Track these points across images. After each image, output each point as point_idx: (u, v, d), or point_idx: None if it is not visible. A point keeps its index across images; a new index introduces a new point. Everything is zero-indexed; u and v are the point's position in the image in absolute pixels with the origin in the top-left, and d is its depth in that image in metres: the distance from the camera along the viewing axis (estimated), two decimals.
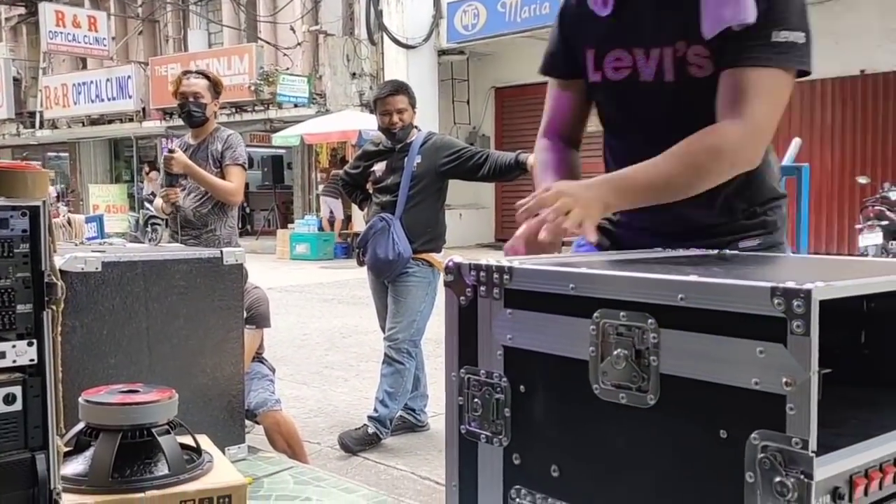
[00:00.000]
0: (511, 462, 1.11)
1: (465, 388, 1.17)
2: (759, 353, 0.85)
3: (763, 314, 0.85)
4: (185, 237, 3.79)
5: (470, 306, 1.16)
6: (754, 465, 0.86)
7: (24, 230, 1.38)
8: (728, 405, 0.88)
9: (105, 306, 2.17)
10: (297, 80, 15.11)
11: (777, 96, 1.41)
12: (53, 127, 20.02)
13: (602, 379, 1.00)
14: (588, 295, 1.01)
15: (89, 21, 18.40)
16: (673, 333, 0.93)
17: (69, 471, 1.67)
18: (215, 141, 3.84)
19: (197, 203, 3.78)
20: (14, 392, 1.37)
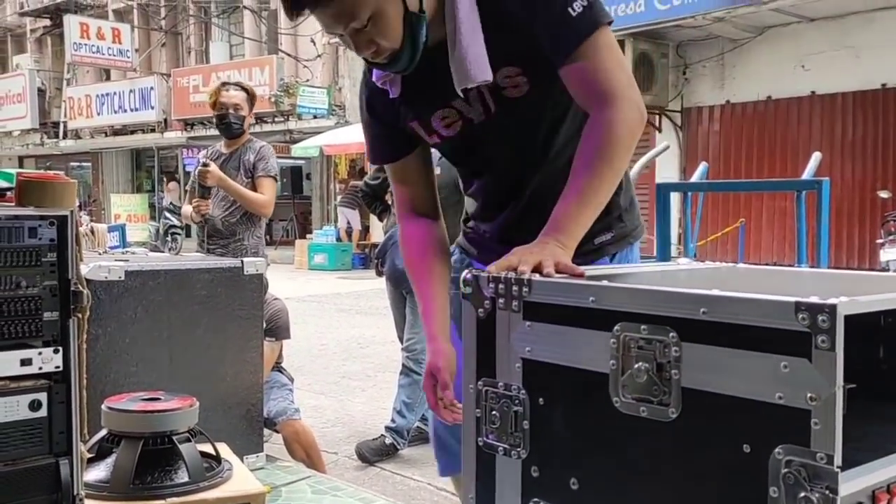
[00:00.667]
0: (529, 475, 1.11)
1: (483, 401, 1.17)
2: (783, 368, 0.85)
3: (787, 329, 0.85)
4: (212, 246, 3.82)
5: (488, 318, 1.16)
6: (778, 479, 0.85)
7: (51, 239, 1.40)
8: (751, 420, 0.88)
9: (127, 315, 2.20)
10: (316, 91, 15.22)
11: (613, 54, 1.42)
12: (77, 137, 20.26)
13: (623, 392, 1.00)
14: (609, 308, 1.01)
15: (113, 33, 18.64)
16: (695, 347, 0.93)
17: (91, 477, 1.69)
18: (248, 152, 3.88)
19: (226, 213, 3.82)
20: (40, 398, 1.40)
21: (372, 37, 1.36)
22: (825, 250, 3.12)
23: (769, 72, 11.12)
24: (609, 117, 1.40)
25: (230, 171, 3.81)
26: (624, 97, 1.40)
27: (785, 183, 5.47)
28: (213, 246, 3.82)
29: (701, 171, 3.87)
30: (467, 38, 1.39)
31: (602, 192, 1.41)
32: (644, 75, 11.22)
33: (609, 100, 1.40)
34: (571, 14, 1.37)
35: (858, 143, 10.63)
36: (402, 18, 1.35)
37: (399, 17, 1.35)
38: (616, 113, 1.40)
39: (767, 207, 10.80)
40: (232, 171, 3.81)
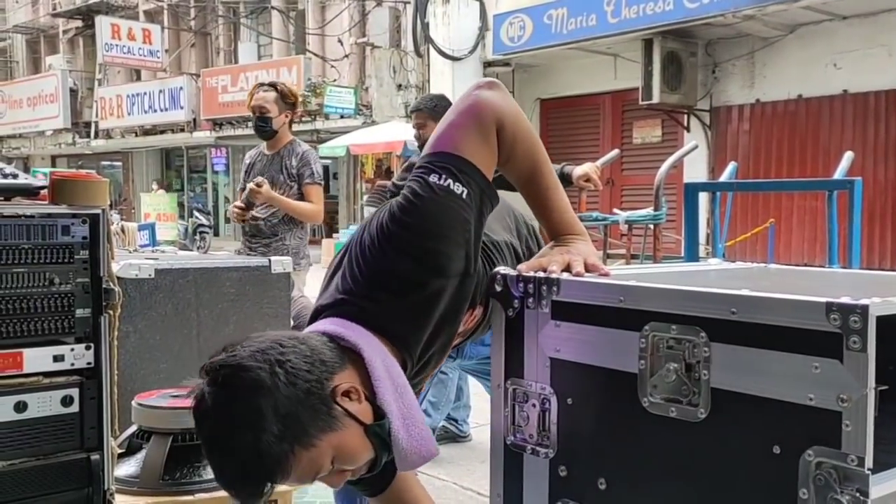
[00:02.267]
0: (557, 474, 1.11)
1: (512, 400, 1.17)
2: (814, 369, 0.84)
3: (818, 329, 0.84)
4: (255, 245, 3.88)
5: (517, 318, 1.15)
6: (808, 481, 0.85)
7: (84, 237, 1.42)
8: (782, 421, 0.87)
9: (158, 312, 2.23)
10: (343, 91, 15.27)
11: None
12: (108, 137, 20.52)
13: (652, 392, 0.99)
14: (638, 308, 1.01)
15: (144, 34, 18.86)
16: (724, 347, 0.92)
17: (122, 472, 1.72)
18: (290, 155, 3.89)
19: (268, 214, 3.86)
20: (71, 394, 1.42)
21: (343, 469, 1.21)
22: (857, 251, 3.07)
23: (800, 70, 10.97)
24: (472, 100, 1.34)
25: (273, 174, 3.85)
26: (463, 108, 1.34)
27: (817, 183, 5.40)
28: (255, 245, 3.87)
29: (730, 171, 3.83)
30: (402, 434, 1.21)
31: (555, 183, 1.39)
32: (672, 74, 11.12)
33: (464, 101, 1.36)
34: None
35: (892, 142, 10.45)
36: (364, 435, 1.19)
37: (360, 436, 1.18)
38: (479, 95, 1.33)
39: (798, 208, 10.66)
40: (275, 174, 3.85)
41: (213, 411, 1.14)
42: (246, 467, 1.12)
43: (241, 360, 1.15)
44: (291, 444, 1.12)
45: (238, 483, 1.15)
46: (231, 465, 1.14)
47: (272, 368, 1.13)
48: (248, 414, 1.10)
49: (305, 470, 1.15)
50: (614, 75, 12.63)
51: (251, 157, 4.05)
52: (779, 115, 11.35)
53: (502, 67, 13.37)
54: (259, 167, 3.92)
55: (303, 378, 1.14)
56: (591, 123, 13.38)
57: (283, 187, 3.84)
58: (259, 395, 1.11)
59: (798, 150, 11.12)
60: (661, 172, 3.55)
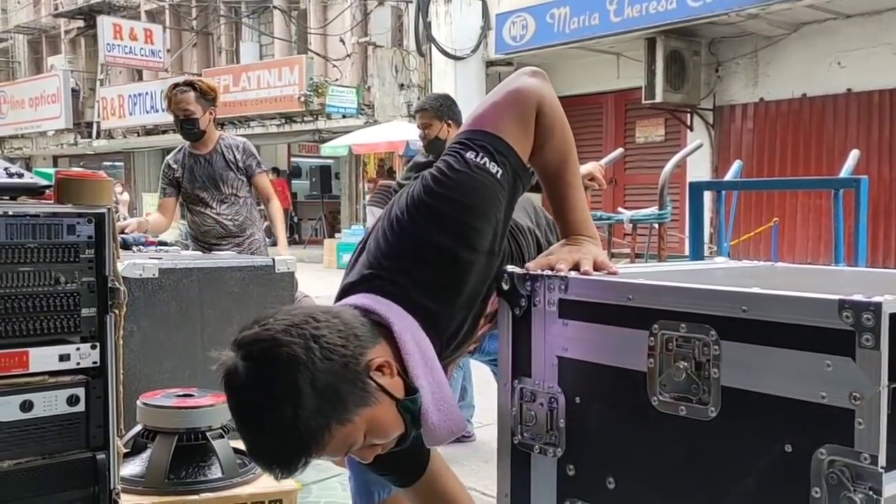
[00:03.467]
0: (565, 473, 1.11)
1: (519, 399, 1.16)
2: (826, 367, 0.84)
3: (830, 327, 0.83)
4: (225, 246, 3.82)
5: (524, 317, 1.15)
6: (821, 479, 0.85)
7: (89, 236, 1.42)
8: (794, 419, 0.87)
9: (162, 311, 2.23)
10: (345, 91, 15.27)
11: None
12: (110, 137, 20.53)
13: (661, 391, 0.99)
14: (646, 306, 1.00)
15: (146, 34, 18.86)
16: (735, 346, 0.92)
17: (127, 471, 1.72)
18: (230, 150, 3.87)
19: (233, 213, 3.85)
20: (77, 393, 1.42)
21: (374, 443, 1.21)
22: (863, 250, 3.06)
23: (804, 69, 10.95)
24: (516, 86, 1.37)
25: (219, 172, 3.81)
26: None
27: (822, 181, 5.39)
28: (225, 245, 3.81)
29: (735, 170, 3.83)
30: (431, 409, 1.21)
31: (579, 182, 1.39)
32: (675, 73, 11.11)
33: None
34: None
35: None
36: (396, 410, 1.19)
37: (393, 410, 1.19)
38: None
39: (802, 206, 10.64)
40: (222, 172, 3.82)
41: (249, 386, 1.12)
42: (282, 442, 1.12)
43: (276, 334, 1.13)
44: (328, 418, 1.11)
45: (273, 458, 1.14)
46: (266, 440, 1.13)
47: (307, 343, 1.11)
48: (285, 389, 1.09)
49: (340, 444, 1.15)
50: (617, 74, 12.62)
51: (178, 161, 3.96)
52: (782, 114, 11.33)
53: (505, 67, 13.36)
54: (199, 169, 3.86)
55: (338, 353, 1.13)
56: (594, 123, 13.36)
57: (234, 183, 3.83)
58: (295, 370, 1.09)
59: (802, 149, 11.10)
60: (666, 172, 3.54)
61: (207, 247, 3.84)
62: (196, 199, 3.86)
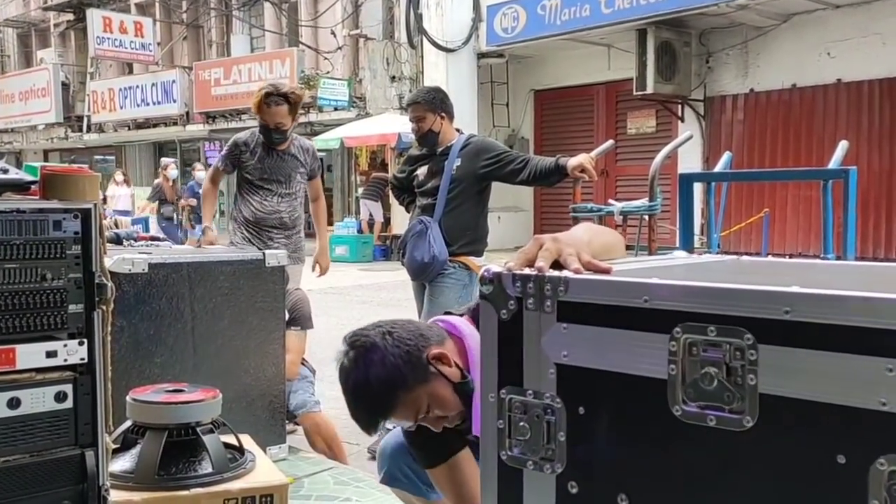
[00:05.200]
0: (566, 491, 1.01)
1: (507, 411, 1.06)
2: (887, 372, 0.78)
3: (891, 328, 0.78)
4: (277, 236, 4.01)
5: (513, 320, 1.05)
6: (881, 492, 0.79)
7: (76, 232, 1.41)
8: (847, 428, 0.81)
9: (152, 307, 2.22)
10: (337, 83, 15.22)
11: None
12: (100, 131, 20.43)
13: (685, 399, 0.91)
14: (666, 308, 0.92)
15: (135, 27, 18.75)
16: (775, 350, 0.85)
17: (117, 468, 1.71)
18: (300, 152, 4.08)
19: (290, 208, 4.05)
20: (65, 390, 1.41)
21: (438, 415, 1.63)
22: (852, 241, 3.07)
23: (794, 60, 10.98)
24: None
25: (288, 171, 4.00)
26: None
27: (811, 172, 5.40)
28: (279, 236, 3.99)
29: (725, 161, 3.83)
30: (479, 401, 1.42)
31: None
32: (666, 64, 11.11)
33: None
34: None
35: (886, 131, 10.47)
36: (451, 389, 1.61)
37: (450, 389, 1.61)
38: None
39: (792, 197, 10.67)
40: (291, 172, 4.01)
41: (346, 365, 1.61)
42: (361, 404, 1.62)
43: (364, 329, 1.66)
44: (394, 387, 1.57)
45: (358, 416, 1.63)
46: (352, 402, 1.62)
47: (384, 335, 1.61)
48: (365, 364, 1.58)
49: (408, 409, 1.60)
50: (608, 66, 12.62)
51: (249, 145, 4.05)
52: (773, 105, 11.36)
53: (496, 59, 13.35)
54: (270, 162, 4.00)
55: (404, 342, 1.60)
56: (585, 114, 13.37)
57: (299, 182, 4.05)
58: (372, 351, 1.59)
59: (792, 140, 11.13)
60: (656, 163, 3.55)
61: (259, 234, 3.99)
62: (259, 188, 3.99)
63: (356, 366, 1.60)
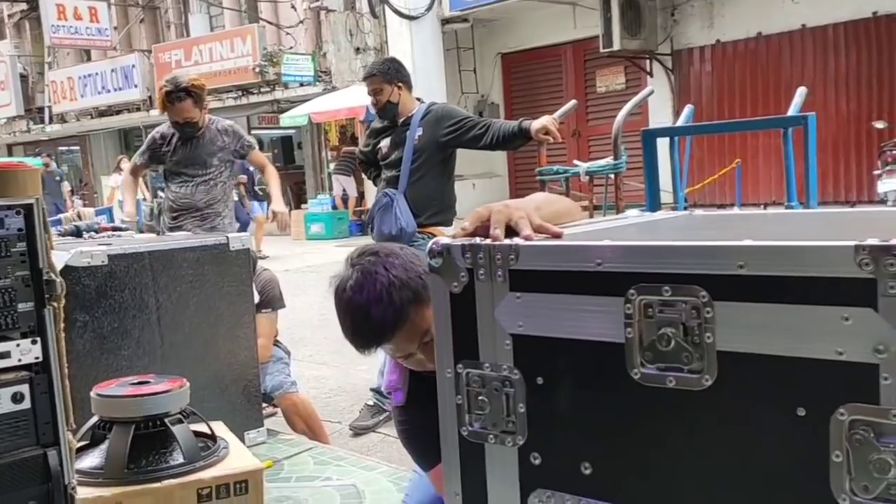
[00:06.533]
0: (529, 463, 1.00)
1: (465, 385, 1.04)
2: (843, 321, 0.77)
3: (847, 277, 0.76)
4: (185, 221, 3.92)
5: (465, 293, 1.02)
6: (842, 442, 0.78)
7: (19, 229, 1.37)
8: (805, 380, 0.80)
9: (115, 299, 2.17)
10: (301, 58, 15.01)
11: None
12: (63, 121, 20.07)
13: (643, 362, 0.90)
14: (619, 270, 0.90)
15: (90, 12, 18.33)
16: (731, 306, 0.83)
17: (85, 464, 1.68)
18: (217, 136, 3.99)
19: (207, 195, 3.95)
20: (21, 391, 1.37)
21: (431, 347, 1.47)
22: (814, 188, 3.08)
23: (758, 8, 10.95)
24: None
25: (203, 157, 3.93)
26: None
27: (770, 121, 5.39)
28: (191, 220, 3.91)
29: (686, 115, 3.81)
30: None
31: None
32: (632, 20, 11.05)
33: None
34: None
35: (852, 74, 10.51)
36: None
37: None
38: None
39: (763, 146, 10.72)
40: (206, 158, 3.94)
41: (366, 267, 1.59)
42: (374, 311, 1.53)
43: (370, 247, 1.66)
44: (414, 297, 1.50)
45: (364, 326, 1.57)
46: (363, 308, 1.55)
47: (400, 248, 1.63)
48: (386, 268, 1.55)
49: (415, 329, 1.52)
50: (574, 24, 12.53)
51: (166, 137, 4.05)
52: (740, 54, 11.35)
53: (461, 24, 13.21)
54: (185, 150, 3.96)
55: (420, 259, 1.55)
56: (554, 75, 13.30)
57: (218, 167, 3.96)
58: (394, 257, 1.57)
59: (761, 88, 11.15)
60: (618, 121, 3.52)
61: (176, 219, 3.95)
62: (177, 176, 3.97)
63: (377, 268, 1.55)
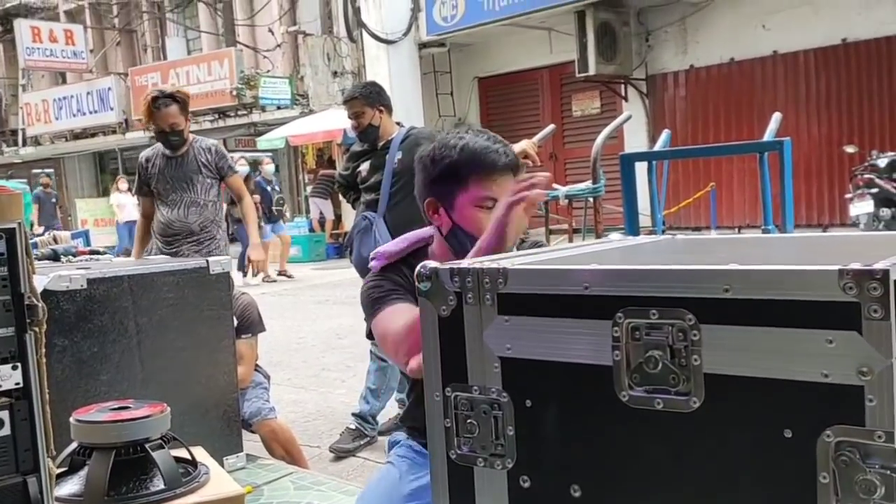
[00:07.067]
0: (518, 486, 1.00)
1: (453, 409, 1.04)
2: (827, 344, 0.78)
3: (830, 300, 0.77)
4: (184, 245, 3.86)
5: (453, 317, 1.03)
6: (828, 464, 0.79)
7: (1, 253, 1.36)
8: (792, 402, 0.81)
9: (94, 323, 2.15)
10: (278, 81, 15.04)
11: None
12: (37, 143, 19.89)
13: (631, 385, 0.91)
14: (607, 294, 0.91)
15: (66, 35, 18.25)
16: (717, 329, 0.85)
17: (64, 491, 1.66)
18: (200, 153, 3.94)
19: (200, 217, 3.90)
20: (1, 417, 1.36)
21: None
22: (790, 211, 3.12)
23: (731, 34, 11.16)
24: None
25: (189, 175, 3.88)
26: None
27: (747, 146, 5.47)
28: (186, 244, 3.86)
29: (664, 139, 3.87)
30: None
31: None
32: (607, 45, 11.21)
33: None
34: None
35: (823, 99, 10.72)
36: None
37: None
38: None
39: (738, 170, 10.87)
40: (192, 175, 3.89)
41: (465, 133, 1.71)
42: (497, 142, 1.70)
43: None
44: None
45: (492, 146, 1.68)
46: (486, 138, 1.69)
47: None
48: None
49: (511, 183, 1.62)
50: (550, 49, 12.68)
51: (150, 160, 3.99)
52: (713, 80, 11.54)
53: (437, 48, 13.32)
54: (170, 171, 3.91)
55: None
56: (531, 99, 13.43)
57: (204, 185, 3.91)
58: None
59: (734, 113, 11.33)
60: (597, 145, 3.57)
61: (170, 244, 3.88)
62: (165, 198, 3.90)
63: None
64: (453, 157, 1.66)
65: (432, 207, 1.75)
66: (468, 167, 1.65)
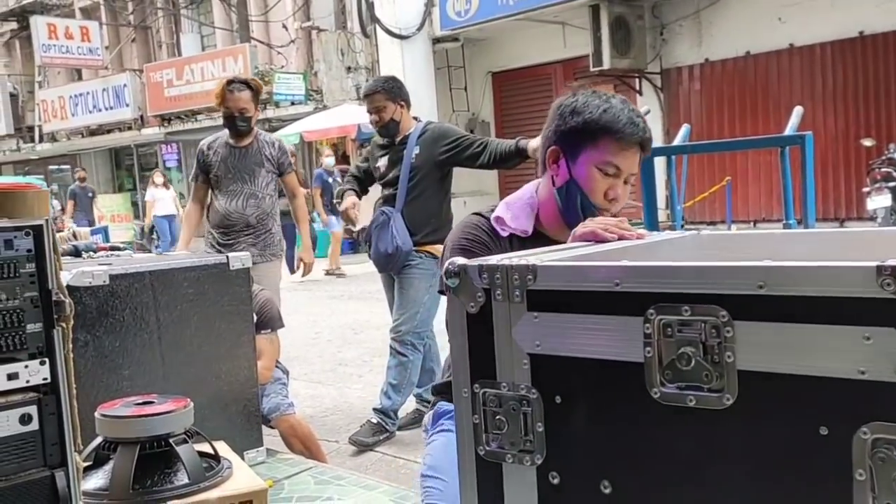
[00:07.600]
0: (547, 482, 1.00)
1: (482, 405, 1.04)
2: (864, 340, 0.78)
3: (868, 297, 0.77)
4: (243, 238, 3.91)
5: (481, 313, 1.02)
6: (865, 461, 0.78)
7: (28, 250, 1.37)
8: (827, 399, 0.80)
9: (116, 318, 2.17)
10: (292, 77, 15.08)
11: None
12: (53, 140, 20.04)
13: (663, 381, 0.90)
14: (638, 290, 0.91)
15: (81, 32, 18.38)
16: (751, 325, 0.84)
17: (90, 485, 1.68)
18: (265, 146, 4.01)
19: (258, 209, 3.95)
20: (30, 412, 1.37)
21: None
22: (812, 206, 3.11)
23: (746, 27, 11.08)
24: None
25: (252, 166, 3.93)
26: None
27: (768, 140, 5.44)
28: (244, 237, 3.90)
29: (683, 134, 3.84)
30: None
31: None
32: (621, 39, 11.16)
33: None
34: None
35: (839, 93, 10.63)
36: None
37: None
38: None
39: (753, 163, 10.81)
40: (255, 167, 3.93)
41: (612, 96, 1.74)
42: (637, 116, 1.73)
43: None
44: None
45: (632, 119, 1.70)
46: (630, 110, 1.72)
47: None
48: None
49: (638, 161, 1.75)
50: (564, 44, 12.63)
51: (212, 147, 4.00)
52: (728, 73, 11.46)
53: (451, 43, 13.29)
54: (233, 160, 3.94)
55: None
56: (544, 93, 13.38)
57: (265, 178, 3.95)
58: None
59: (749, 107, 11.25)
60: None
61: (226, 236, 3.92)
62: (225, 189, 3.93)
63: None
64: (594, 115, 1.68)
65: (554, 156, 1.76)
66: (605, 129, 1.68)
